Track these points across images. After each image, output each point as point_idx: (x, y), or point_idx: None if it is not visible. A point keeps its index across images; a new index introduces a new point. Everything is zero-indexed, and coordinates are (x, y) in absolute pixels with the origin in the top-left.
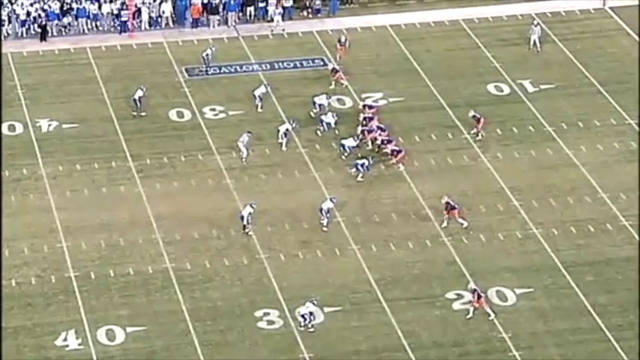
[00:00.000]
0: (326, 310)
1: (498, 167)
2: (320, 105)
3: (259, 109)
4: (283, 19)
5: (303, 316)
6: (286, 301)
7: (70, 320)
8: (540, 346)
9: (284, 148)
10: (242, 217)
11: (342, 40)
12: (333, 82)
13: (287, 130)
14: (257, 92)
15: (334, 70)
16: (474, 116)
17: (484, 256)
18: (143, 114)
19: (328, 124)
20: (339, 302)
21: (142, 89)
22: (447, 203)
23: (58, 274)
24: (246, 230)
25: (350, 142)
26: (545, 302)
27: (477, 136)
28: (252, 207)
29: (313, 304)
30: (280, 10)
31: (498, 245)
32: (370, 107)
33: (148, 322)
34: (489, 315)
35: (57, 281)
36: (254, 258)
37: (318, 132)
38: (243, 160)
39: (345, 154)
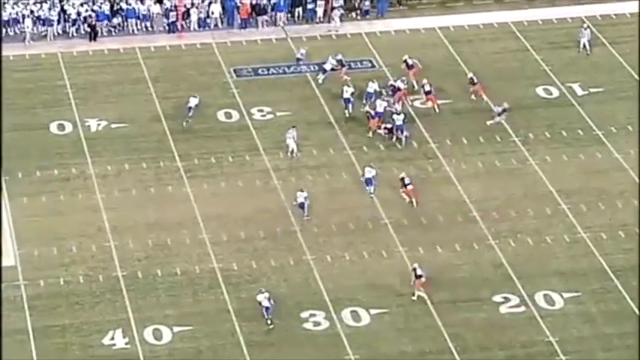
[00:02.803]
0: (372, 312)
1: (546, 170)
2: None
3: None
4: (329, 21)
5: (267, 308)
6: (332, 302)
7: (118, 319)
8: (587, 350)
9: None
10: (302, 205)
11: (410, 62)
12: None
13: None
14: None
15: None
16: (470, 79)
17: (531, 260)
18: (188, 122)
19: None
20: (385, 304)
21: (196, 97)
22: (402, 179)
23: (105, 273)
24: (307, 216)
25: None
26: (592, 306)
27: (472, 95)
28: (303, 191)
29: (267, 298)
30: (341, 11)
31: (546, 249)
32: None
33: (194, 321)
34: (423, 297)
35: (104, 280)
36: (300, 259)
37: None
38: (295, 155)
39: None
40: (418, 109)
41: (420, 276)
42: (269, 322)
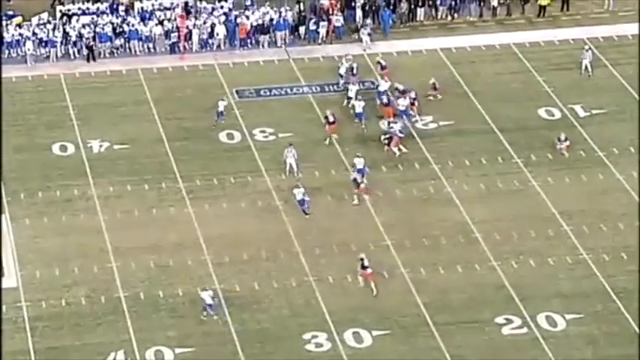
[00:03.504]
0: (374, 333)
1: (549, 192)
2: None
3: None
4: (331, 42)
5: (210, 305)
6: (334, 324)
7: (120, 340)
8: None
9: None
10: (302, 202)
11: (383, 63)
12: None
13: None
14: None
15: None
16: (433, 84)
17: (534, 281)
18: (215, 127)
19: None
20: (387, 326)
21: (225, 100)
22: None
23: (107, 295)
24: (308, 213)
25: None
26: (595, 328)
27: (434, 98)
28: (300, 187)
29: (211, 297)
30: (368, 30)
31: (548, 270)
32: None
33: (196, 343)
34: (372, 291)
35: (106, 301)
36: (302, 280)
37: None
38: (297, 173)
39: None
40: (420, 130)
41: (367, 267)
42: (205, 314)
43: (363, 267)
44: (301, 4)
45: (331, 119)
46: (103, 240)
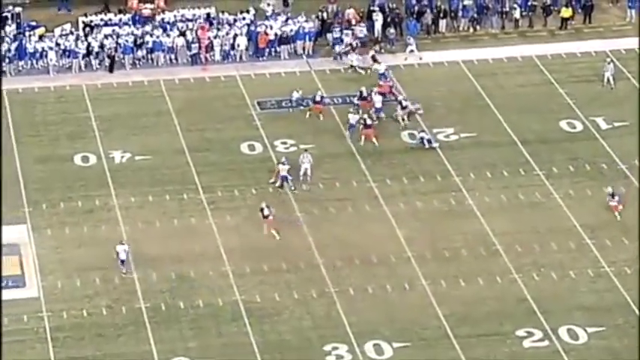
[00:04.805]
0: (395, 345)
1: (570, 205)
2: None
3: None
4: (354, 50)
5: (122, 261)
6: (355, 335)
7: (140, 351)
8: None
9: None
10: (285, 178)
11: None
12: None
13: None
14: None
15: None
16: (360, 92)
17: (555, 294)
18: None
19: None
20: (407, 338)
21: (299, 91)
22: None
23: (128, 305)
24: (293, 188)
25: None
26: (616, 342)
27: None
28: (285, 164)
29: (125, 251)
30: (411, 39)
31: (570, 283)
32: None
33: (217, 354)
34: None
35: (127, 312)
36: (323, 292)
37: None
38: (308, 178)
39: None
40: (442, 142)
41: (267, 216)
42: (124, 272)
43: (265, 216)
44: (324, 12)
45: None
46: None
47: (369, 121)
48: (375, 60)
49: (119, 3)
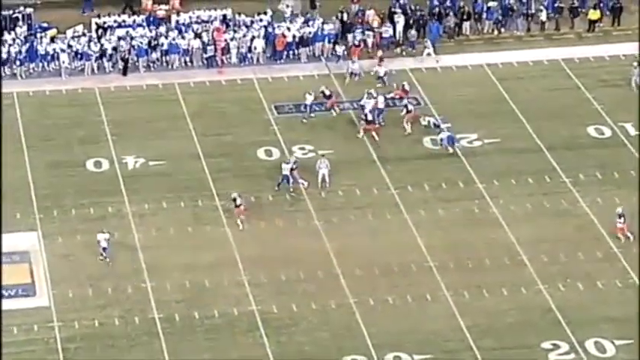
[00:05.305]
0: (416, 357)
1: (598, 213)
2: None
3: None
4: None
5: (104, 249)
6: (375, 347)
7: None
8: None
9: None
10: (286, 178)
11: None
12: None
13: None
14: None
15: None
16: (322, 92)
17: (582, 305)
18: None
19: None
20: (429, 350)
21: (312, 94)
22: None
23: (141, 315)
24: (293, 184)
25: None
26: None
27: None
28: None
29: (106, 240)
30: (428, 43)
31: (597, 294)
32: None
33: None
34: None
35: (141, 322)
36: (342, 302)
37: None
38: (326, 184)
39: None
40: (465, 148)
41: (240, 205)
42: (107, 259)
43: (236, 206)
44: (344, 13)
45: (327, 93)
46: (137, 259)
47: (369, 117)
48: (381, 61)
49: (134, 4)
